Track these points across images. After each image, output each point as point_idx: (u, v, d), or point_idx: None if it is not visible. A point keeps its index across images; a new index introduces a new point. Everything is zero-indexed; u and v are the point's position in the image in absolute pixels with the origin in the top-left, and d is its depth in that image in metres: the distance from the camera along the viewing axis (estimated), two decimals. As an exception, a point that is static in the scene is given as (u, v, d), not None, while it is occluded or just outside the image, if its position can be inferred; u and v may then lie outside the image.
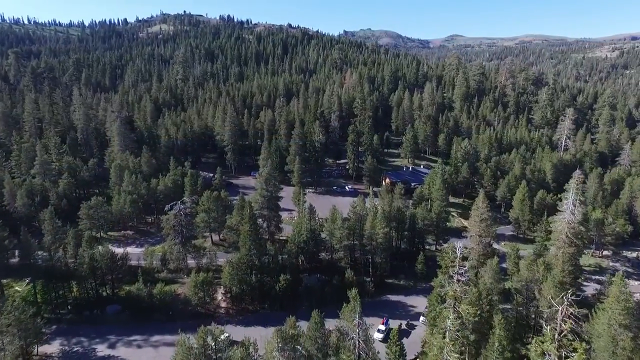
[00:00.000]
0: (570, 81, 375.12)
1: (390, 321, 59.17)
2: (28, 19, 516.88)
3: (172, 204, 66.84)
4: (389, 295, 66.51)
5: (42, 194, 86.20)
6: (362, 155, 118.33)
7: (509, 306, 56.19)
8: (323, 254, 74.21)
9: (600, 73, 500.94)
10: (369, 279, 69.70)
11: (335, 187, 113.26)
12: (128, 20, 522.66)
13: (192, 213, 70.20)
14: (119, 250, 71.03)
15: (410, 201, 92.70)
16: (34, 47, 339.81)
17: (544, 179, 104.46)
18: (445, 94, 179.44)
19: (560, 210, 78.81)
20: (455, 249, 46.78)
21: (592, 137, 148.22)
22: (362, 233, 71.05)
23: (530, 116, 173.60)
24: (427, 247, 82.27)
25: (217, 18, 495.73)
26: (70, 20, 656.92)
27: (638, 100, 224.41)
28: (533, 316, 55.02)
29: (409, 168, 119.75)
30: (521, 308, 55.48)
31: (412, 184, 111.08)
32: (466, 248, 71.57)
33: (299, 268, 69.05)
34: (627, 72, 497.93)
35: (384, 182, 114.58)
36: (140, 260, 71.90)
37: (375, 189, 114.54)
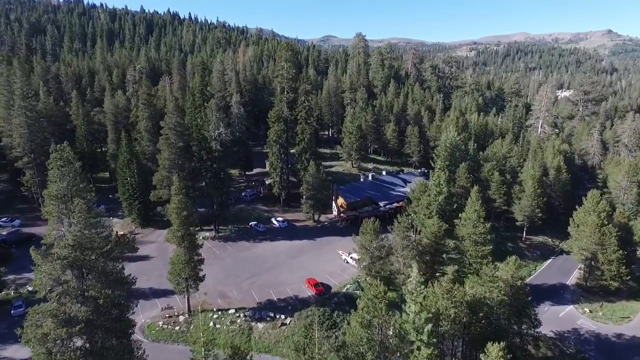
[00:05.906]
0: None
1: None
2: None
3: None
4: None
5: None
6: (291, 161, 70.04)
7: None
8: None
9: (467, 69, 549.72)
10: None
11: (254, 224, 62.36)
12: None
13: None
14: None
15: (415, 237, 48.63)
16: None
17: (566, 181, 71.53)
18: (370, 76, 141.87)
19: None
20: None
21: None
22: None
23: (451, 101, 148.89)
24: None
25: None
26: None
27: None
28: None
29: (367, 177, 75.18)
30: None
31: (383, 205, 67.47)
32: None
33: None
34: (487, 68, 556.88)
35: (335, 205, 68.45)
36: None
37: (323, 217, 67.89)
